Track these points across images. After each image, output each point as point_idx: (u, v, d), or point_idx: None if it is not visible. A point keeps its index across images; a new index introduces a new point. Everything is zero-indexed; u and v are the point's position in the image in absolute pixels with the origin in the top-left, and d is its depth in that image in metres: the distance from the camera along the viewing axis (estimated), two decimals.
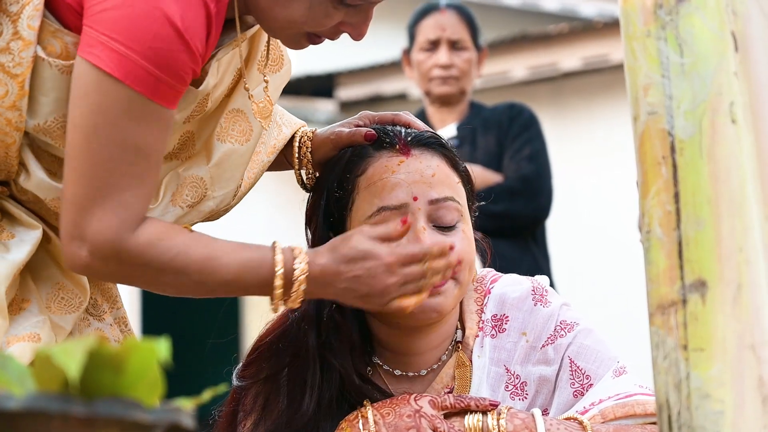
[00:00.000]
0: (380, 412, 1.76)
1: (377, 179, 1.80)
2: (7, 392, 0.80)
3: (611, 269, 8.14)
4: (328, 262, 1.68)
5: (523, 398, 1.85)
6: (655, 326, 1.27)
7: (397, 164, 1.81)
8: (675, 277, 1.25)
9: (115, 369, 0.82)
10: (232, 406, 1.92)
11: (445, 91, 3.93)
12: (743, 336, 1.23)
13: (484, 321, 1.90)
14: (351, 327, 1.86)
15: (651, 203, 1.27)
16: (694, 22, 1.27)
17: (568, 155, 8.24)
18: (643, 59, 1.29)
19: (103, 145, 1.61)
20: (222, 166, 1.82)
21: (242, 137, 1.82)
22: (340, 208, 1.84)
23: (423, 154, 1.83)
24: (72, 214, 1.63)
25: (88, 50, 1.60)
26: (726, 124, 1.26)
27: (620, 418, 1.77)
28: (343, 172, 1.85)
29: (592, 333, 1.89)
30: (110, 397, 0.81)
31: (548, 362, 1.86)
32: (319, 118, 9.67)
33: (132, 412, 0.81)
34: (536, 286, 1.92)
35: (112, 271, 1.67)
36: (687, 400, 1.23)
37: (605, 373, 1.84)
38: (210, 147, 1.81)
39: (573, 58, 8.82)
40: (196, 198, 1.81)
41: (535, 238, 3.94)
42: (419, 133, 1.86)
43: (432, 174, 1.81)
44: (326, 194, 1.86)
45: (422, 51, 3.97)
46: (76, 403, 0.80)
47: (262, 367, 1.89)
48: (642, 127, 1.29)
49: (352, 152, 1.85)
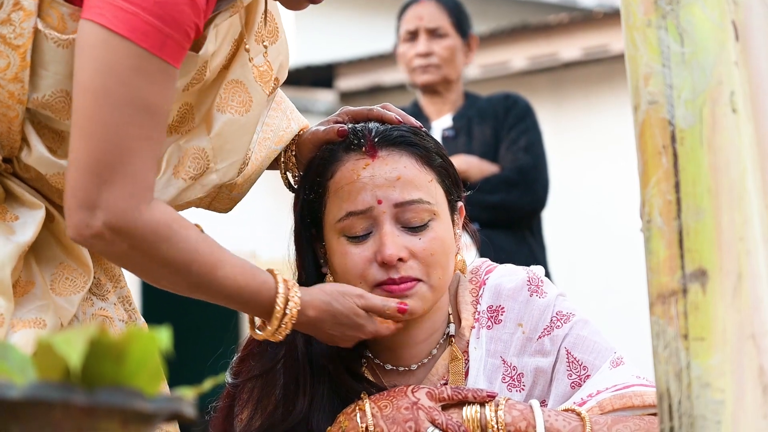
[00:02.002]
0: (378, 404, 1.76)
1: (344, 183, 1.81)
2: (8, 381, 0.80)
3: (610, 260, 8.14)
4: (318, 316, 1.75)
5: (520, 390, 1.84)
6: (656, 316, 1.27)
7: (362, 167, 1.80)
8: (675, 267, 1.25)
9: (117, 358, 0.82)
10: (227, 401, 1.92)
11: (427, 79, 3.95)
12: (743, 326, 1.23)
13: (480, 312, 1.90)
14: None
15: (651, 193, 1.27)
16: (695, 12, 1.27)
17: (567, 145, 8.24)
18: (643, 49, 1.29)
19: (114, 105, 1.59)
20: (223, 137, 1.81)
21: (242, 108, 1.81)
22: (314, 211, 1.85)
23: (390, 155, 1.82)
24: (83, 181, 1.60)
25: (92, 11, 1.59)
26: (726, 114, 1.26)
27: (618, 409, 1.77)
28: (315, 175, 1.85)
29: (588, 324, 1.89)
30: (111, 386, 0.81)
31: (545, 353, 1.86)
32: (319, 109, 9.67)
33: (133, 401, 0.81)
34: (531, 277, 1.92)
35: (119, 245, 1.63)
36: (687, 389, 1.23)
37: (602, 364, 1.84)
38: (210, 118, 1.80)
39: (573, 49, 8.81)
40: (198, 170, 1.80)
41: (531, 229, 3.94)
42: (388, 133, 1.84)
43: (397, 177, 1.80)
44: (302, 196, 1.87)
45: (404, 42, 4.02)
46: (77, 392, 0.80)
47: (255, 364, 1.89)
48: (642, 117, 1.29)
49: (323, 155, 1.86)
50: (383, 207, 1.79)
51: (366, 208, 1.79)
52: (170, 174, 1.79)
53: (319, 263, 1.88)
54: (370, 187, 1.79)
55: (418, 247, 1.79)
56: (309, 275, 1.87)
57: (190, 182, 1.80)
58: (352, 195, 1.79)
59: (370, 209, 1.79)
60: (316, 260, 1.88)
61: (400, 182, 1.79)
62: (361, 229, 1.79)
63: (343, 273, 1.81)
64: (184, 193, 1.81)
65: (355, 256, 1.79)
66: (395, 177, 1.80)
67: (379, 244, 1.78)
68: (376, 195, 1.79)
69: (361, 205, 1.79)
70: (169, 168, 1.79)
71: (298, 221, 1.88)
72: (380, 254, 1.77)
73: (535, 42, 8.94)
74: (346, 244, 1.80)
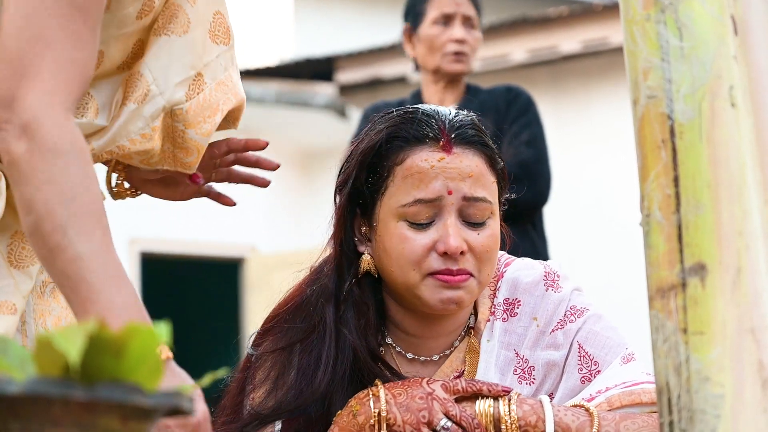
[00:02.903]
0: (392, 392, 1.77)
1: (416, 171, 1.83)
2: (8, 377, 0.80)
3: (611, 254, 8.15)
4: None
5: (530, 383, 1.86)
6: (655, 310, 1.27)
7: (437, 160, 1.83)
8: (675, 261, 1.25)
9: (116, 353, 0.82)
10: (244, 373, 1.93)
11: (458, 69, 3.87)
12: (743, 320, 1.23)
13: (496, 305, 1.93)
14: (369, 305, 1.88)
15: (651, 187, 1.27)
16: (694, 6, 1.27)
17: (566, 137, 8.24)
18: (642, 43, 1.29)
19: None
20: (161, 58, 1.77)
21: (180, 29, 1.77)
22: (372, 192, 1.87)
23: (464, 152, 1.85)
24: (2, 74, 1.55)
25: None
26: (725, 108, 1.26)
27: (626, 406, 1.78)
28: (378, 158, 1.87)
29: (601, 319, 1.91)
30: (111, 381, 0.81)
31: (557, 347, 1.88)
32: (319, 102, 9.67)
33: (132, 396, 0.81)
34: (549, 271, 1.95)
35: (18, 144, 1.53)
36: (687, 383, 1.23)
37: (613, 360, 1.86)
38: (149, 43, 1.78)
39: (572, 41, 8.81)
40: (141, 93, 1.76)
41: (533, 223, 3.93)
42: (463, 130, 1.88)
43: (469, 173, 1.84)
44: (356, 175, 1.88)
45: (435, 25, 3.88)
46: (77, 387, 0.80)
47: (278, 338, 1.91)
48: (641, 111, 1.29)
49: (388, 139, 1.86)
50: (452, 198, 1.82)
51: (436, 197, 1.82)
52: (118, 103, 1.75)
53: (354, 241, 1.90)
54: (443, 178, 1.82)
55: (477, 242, 1.83)
56: (347, 252, 1.89)
57: (136, 105, 1.75)
58: (423, 183, 1.82)
59: (439, 198, 1.82)
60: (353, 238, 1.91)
61: (471, 178, 1.84)
62: (425, 217, 1.82)
63: (397, 256, 1.83)
64: (132, 123, 1.76)
65: (415, 242, 1.82)
66: (468, 173, 1.84)
67: (444, 235, 1.81)
68: (447, 186, 1.82)
69: (432, 193, 1.82)
70: (116, 97, 1.76)
71: (345, 198, 1.89)
72: (444, 244, 1.80)
73: (535, 35, 8.94)
74: (407, 229, 1.83)
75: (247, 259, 9.71)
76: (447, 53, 3.86)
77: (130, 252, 9.35)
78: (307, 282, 1.95)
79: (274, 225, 9.77)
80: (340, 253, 1.90)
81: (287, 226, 9.65)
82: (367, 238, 1.89)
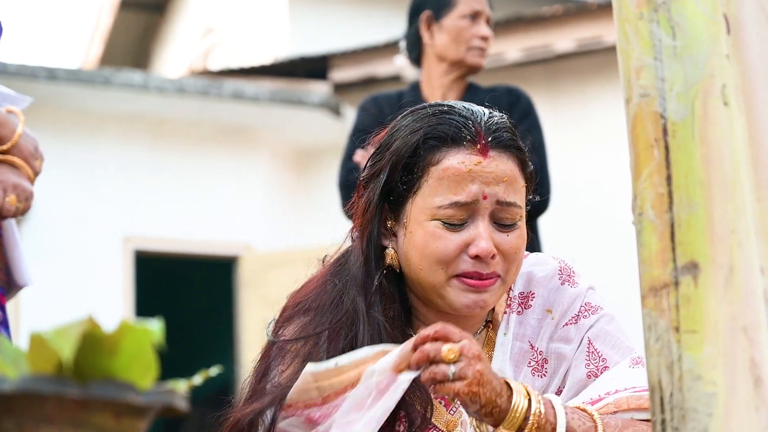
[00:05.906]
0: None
1: (452, 173, 1.85)
2: (2, 375, 0.80)
3: (607, 252, 8.15)
4: None
5: (542, 375, 1.90)
6: (648, 308, 1.27)
7: (474, 163, 1.85)
8: (667, 259, 1.25)
9: (109, 351, 0.82)
10: (265, 361, 1.94)
11: (480, 63, 3.97)
12: (735, 318, 1.24)
13: (512, 298, 1.96)
14: (395, 296, 1.91)
15: (643, 185, 1.27)
16: (687, 5, 1.27)
17: (562, 136, 8.24)
18: (635, 42, 1.29)
19: None
20: None
21: None
22: (405, 190, 1.88)
23: (500, 156, 1.87)
24: None
25: None
26: (718, 107, 1.26)
27: (633, 409, 1.80)
28: (413, 156, 1.88)
29: (614, 320, 1.95)
30: (104, 379, 0.82)
31: (568, 341, 1.91)
32: (313, 100, 9.66)
33: (126, 393, 0.82)
34: (563, 267, 1.99)
35: None
36: (679, 381, 1.24)
37: (621, 360, 1.88)
38: None
39: (567, 40, 8.82)
40: None
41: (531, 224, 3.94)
42: (499, 134, 1.89)
43: (504, 178, 1.86)
44: (389, 172, 1.89)
45: (463, 18, 3.97)
46: (71, 385, 0.80)
47: (304, 325, 1.91)
48: (634, 110, 1.29)
49: (421, 139, 1.87)
50: (487, 203, 1.84)
51: (472, 200, 1.84)
52: None
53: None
54: (479, 182, 1.84)
55: (506, 243, 1.86)
56: (372, 248, 1.91)
57: None
58: (460, 186, 1.84)
59: (475, 202, 1.84)
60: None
61: (505, 183, 1.86)
62: (458, 219, 1.84)
63: (428, 254, 1.85)
64: None
65: (448, 242, 1.84)
66: (502, 177, 1.86)
67: (476, 238, 1.83)
68: (483, 190, 1.84)
69: (468, 197, 1.84)
70: None
71: (376, 195, 1.90)
72: (476, 247, 1.82)
73: (529, 33, 8.94)
74: (440, 229, 1.84)
75: (241, 257, 9.70)
76: (473, 47, 3.95)
77: (125, 250, 9.34)
78: (331, 272, 1.96)
79: (269, 223, 9.77)
80: (367, 246, 1.92)
81: (282, 225, 9.65)
82: (393, 233, 1.91)
